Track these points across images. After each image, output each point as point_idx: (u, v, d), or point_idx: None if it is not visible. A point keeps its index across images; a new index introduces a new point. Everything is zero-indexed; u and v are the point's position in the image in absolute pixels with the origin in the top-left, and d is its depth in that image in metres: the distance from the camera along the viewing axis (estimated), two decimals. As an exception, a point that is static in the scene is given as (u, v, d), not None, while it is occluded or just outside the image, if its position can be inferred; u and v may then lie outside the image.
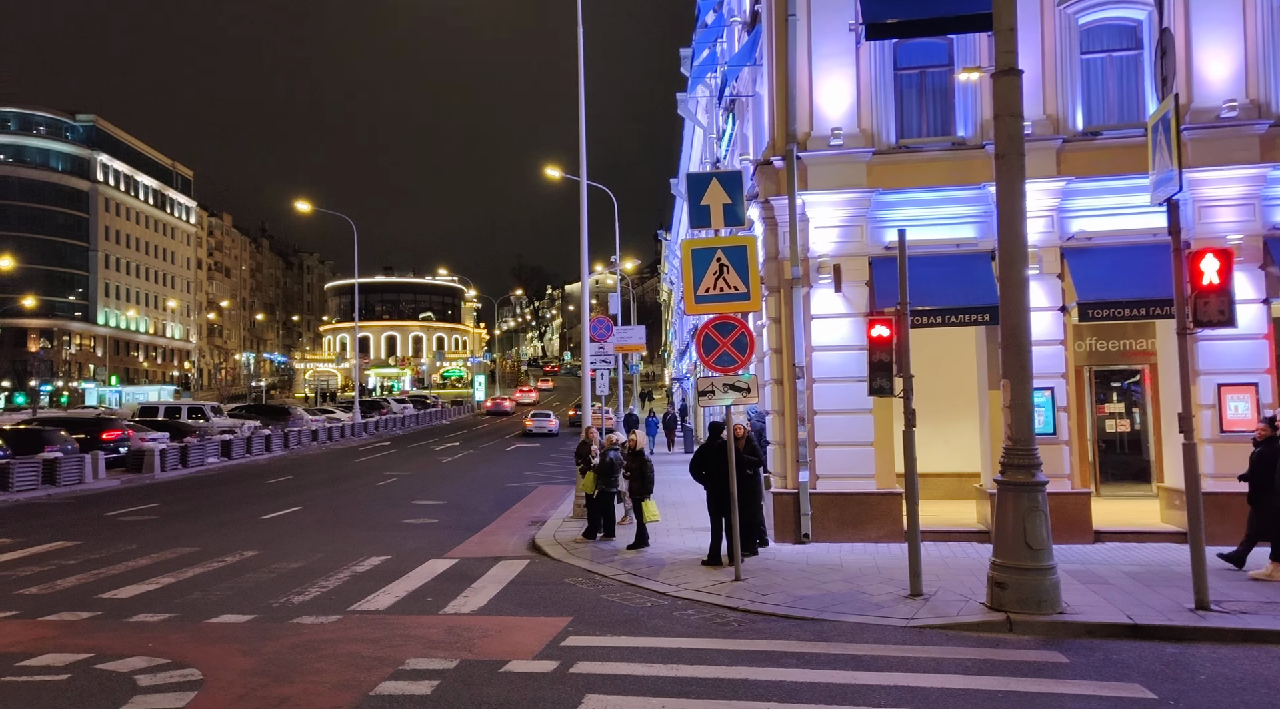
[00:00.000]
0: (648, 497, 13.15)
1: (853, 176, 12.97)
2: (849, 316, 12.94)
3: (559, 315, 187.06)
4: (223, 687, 6.69)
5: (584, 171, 17.95)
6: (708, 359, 10.85)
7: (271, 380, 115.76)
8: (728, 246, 10.77)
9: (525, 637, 8.11)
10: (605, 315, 32.35)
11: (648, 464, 13.39)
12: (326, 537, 14.34)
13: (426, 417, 61.74)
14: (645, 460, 13.43)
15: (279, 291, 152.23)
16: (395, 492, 21.37)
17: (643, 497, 13.15)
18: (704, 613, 9.03)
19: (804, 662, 7.20)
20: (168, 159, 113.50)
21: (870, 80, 13.17)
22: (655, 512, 13.03)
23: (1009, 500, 8.60)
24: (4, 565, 11.93)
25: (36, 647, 7.84)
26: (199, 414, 37.68)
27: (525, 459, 31.53)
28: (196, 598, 9.88)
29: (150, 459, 25.33)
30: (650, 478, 13.28)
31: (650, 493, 13.19)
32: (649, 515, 12.91)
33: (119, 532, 15.03)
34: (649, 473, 13.31)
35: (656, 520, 13.03)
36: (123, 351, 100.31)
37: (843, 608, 8.91)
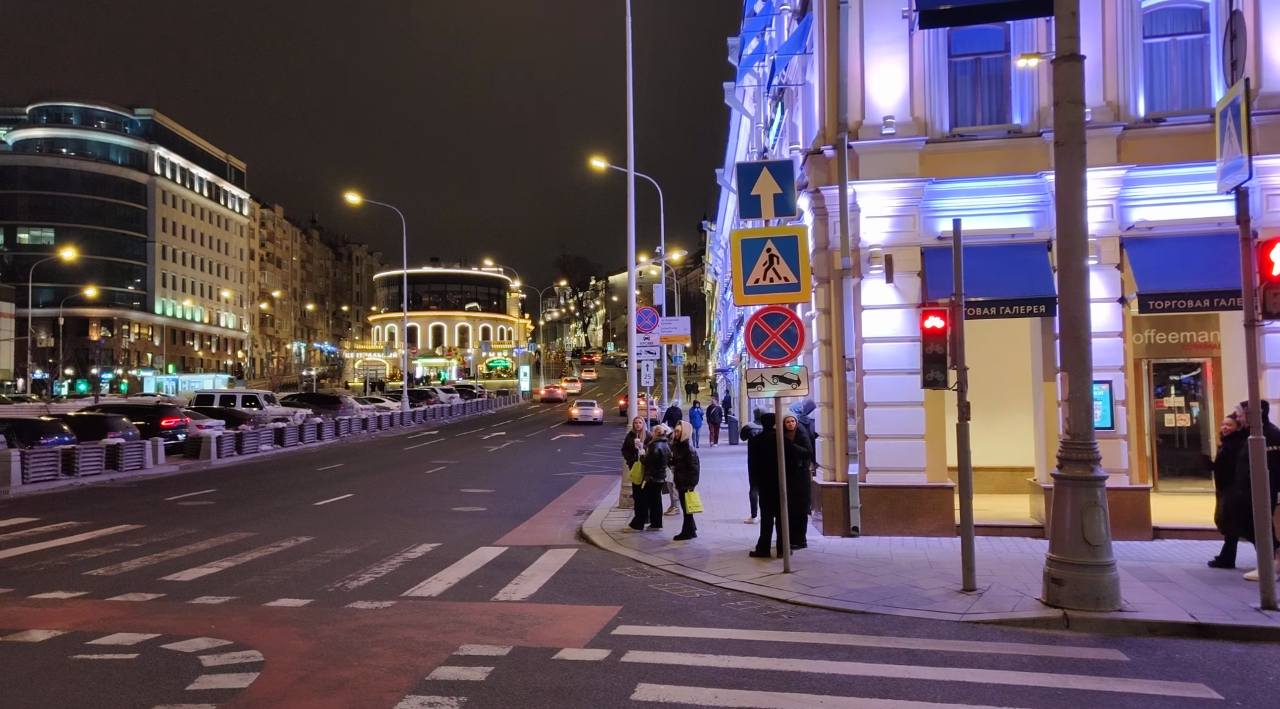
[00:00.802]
0: (692, 488, 13.13)
1: (905, 166, 12.80)
2: (901, 308, 12.79)
3: (602, 306, 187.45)
4: (283, 669, 6.85)
5: (631, 163, 17.94)
6: (757, 350, 10.80)
7: (321, 369, 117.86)
8: (778, 237, 10.69)
9: (576, 625, 8.18)
10: (650, 306, 32.35)
11: (692, 456, 13.38)
12: (378, 523, 14.58)
13: (473, 406, 62.39)
14: (690, 452, 13.42)
15: (328, 282, 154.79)
16: (444, 480, 21.64)
17: (687, 487, 13.14)
18: (753, 604, 9.02)
19: (856, 655, 7.16)
20: (221, 152, 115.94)
21: (923, 68, 12.97)
22: (699, 503, 12.99)
23: (1066, 495, 8.44)
24: (73, 547, 12.33)
25: (106, 626, 8.09)
26: (253, 402, 38.49)
27: (570, 449, 31.72)
28: (255, 581, 10.11)
29: (207, 446, 25.97)
30: (695, 469, 13.26)
31: (695, 484, 13.18)
32: (692, 506, 12.89)
33: (179, 516, 15.44)
34: (694, 464, 13.30)
35: (699, 511, 13.01)
36: (179, 341, 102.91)
37: (894, 602, 8.83)
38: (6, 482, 18.81)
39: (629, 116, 17.73)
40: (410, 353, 70.04)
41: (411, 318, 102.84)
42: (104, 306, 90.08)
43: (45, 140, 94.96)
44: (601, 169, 35.06)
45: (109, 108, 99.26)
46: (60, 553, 11.86)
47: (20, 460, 19.25)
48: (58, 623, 8.21)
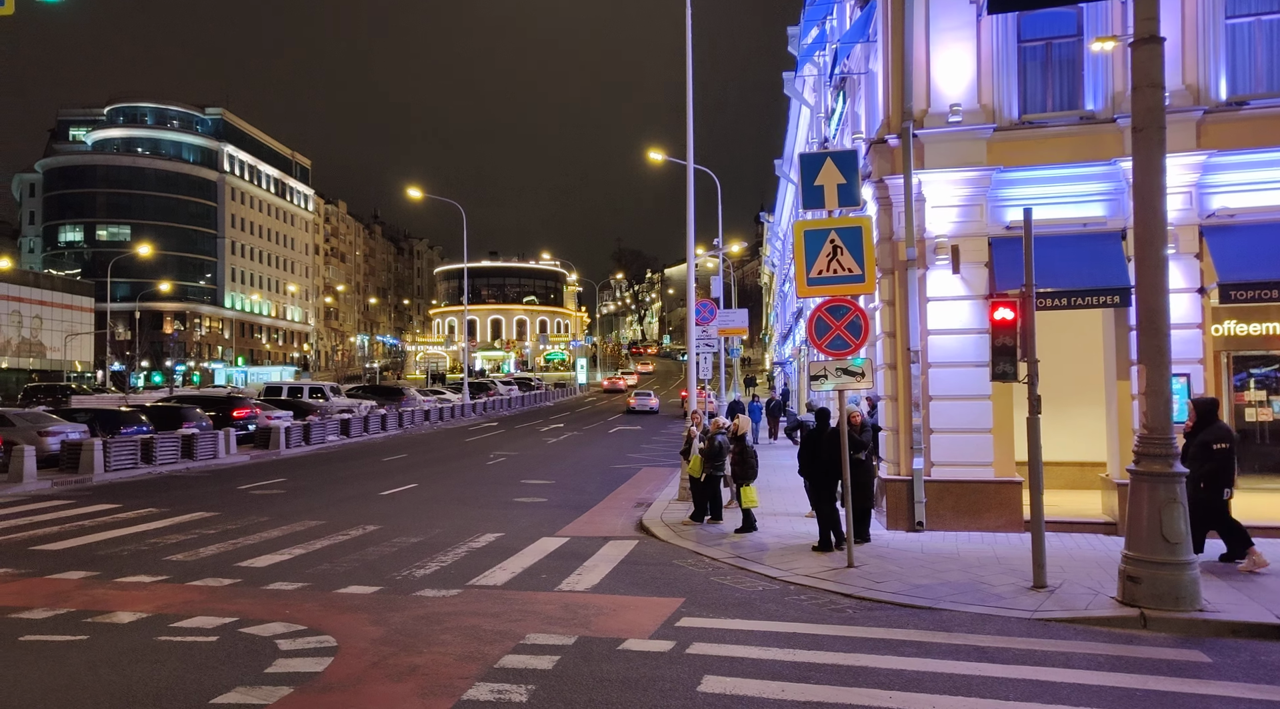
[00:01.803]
0: (749, 483, 13.03)
1: (972, 154, 12.54)
2: (967, 299, 12.55)
3: (658, 299, 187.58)
4: (356, 654, 7.02)
5: (690, 157, 17.90)
6: (820, 343, 10.70)
7: (384, 362, 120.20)
8: (842, 228, 10.57)
9: (640, 616, 8.22)
10: (708, 299, 32.27)
11: (749, 450, 13.31)
12: (442, 513, 14.83)
13: (531, 398, 62.99)
14: (747, 446, 13.35)
15: (390, 276, 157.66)
16: (504, 471, 21.90)
17: (744, 482, 13.05)
18: (817, 598, 8.96)
19: (924, 651, 7.07)
20: (287, 149, 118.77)
21: (992, 54, 12.67)
22: (754, 498, 12.87)
23: (1144, 491, 8.20)
24: (153, 533, 12.79)
25: (187, 609, 8.39)
26: (320, 394, 39.38)
27: (628, 441, 31.83)
28: (325, 569, 10.37)
29: (276, 436, 26.67)
30: (752, 464, 13.17)
31: (752, 479, 13.05)
32: (748, 501, 12.79)
33: (251, 504, 15.90)
34: (751, 459, 13.22)
35: (755, 506, 12.91)
36: (247, 334, 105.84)
37: (962, 598, 8.69)
38: (90, 469, 19.58)
39: (688, 110, 17.68)
40: (470, 346, 71.03)
41: (471, 311, 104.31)
42: (177, 301, 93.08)
43: (122, 140, 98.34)
44: (658, 162, 35.00)
45: (181, 107, 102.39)
46: (141, 538, 12.31)
47: (102, 449, 20.02)
48: (142, 605, 8.53)
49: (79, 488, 18.34)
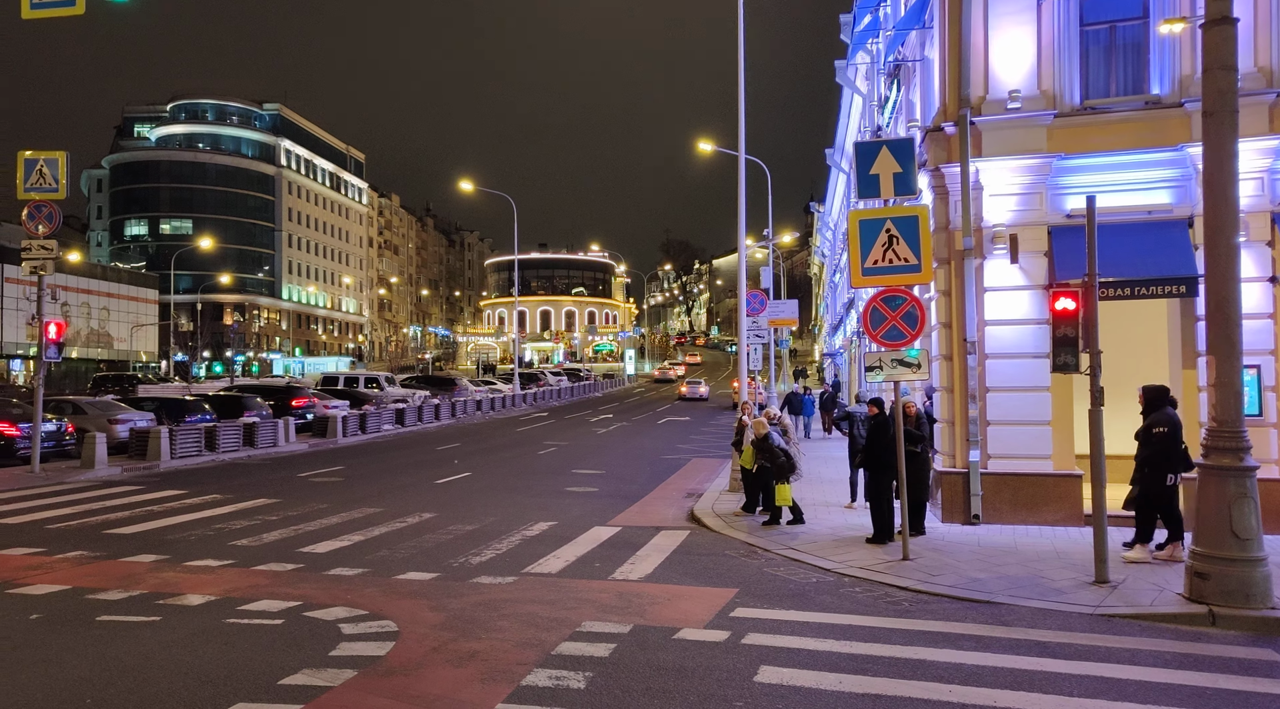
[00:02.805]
0: (785, 481, 12.61)
1: (1032, 141, 12.28)
2: (1026, 289, 12.31)
3: (706, 290, 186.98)
4: (416, 639, 7.17)
5: (742, 148, 17.81)
6: (875, 334, 10.60)
7: (436, 353, 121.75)
8: (897, 217, 10.45)
9: (694, 606, 8.25)
10: (758, 289, 32.07)
11: (774, 448, 12.97)
12: (495, 501, 15.02)
13: (580, 389, 63.32)
14: (771, 444, 12.96)
15: (442, 268, 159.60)
16: (555, 460, 22.09)
17: (779, 480, 12.64)
18: (872, 591, 8.91)
19: (983, 645, 6.99)
20: (342, 143, 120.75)
21: (1053, 38, 12.38)
22: (789, 496, 12.49)
23: (1212, 486, 8.00)
24: (218, 518, 13.18)
25: (253, 593, 8.64)
26: (375, 384, 40.07)
27: (677, 432, 31.86)
28: (384, 555, 10.59)
29: (334, 425, 27.23)
30: (782, 464, 12.77)
31: (788, 475, 12.55)
32: (780, 499, 12.46)
33: (311, 491, 16.28)
34: (778, 458, 12.90)
35: (787, 505, 12.61)
36: (304, 325, 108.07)
37: (1021, 592, 8.57)
38: (158, 456, 20.22)
39: (740, 101, 17.57)
40: (520, 337, 71.58)
41: (520, 303, 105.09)
42: (236, 293, 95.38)
43: (184, 136, 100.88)
44: (708, 152, 34.88)
45: (240, 103, 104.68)
46: (207, 524, 12.69)
47: (169, 437, 20.65)
48: (210, 588, 8.80)
49: (147, 474, 18.95)
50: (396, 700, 5.81)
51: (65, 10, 13.86)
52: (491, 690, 5.98)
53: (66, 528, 12.30)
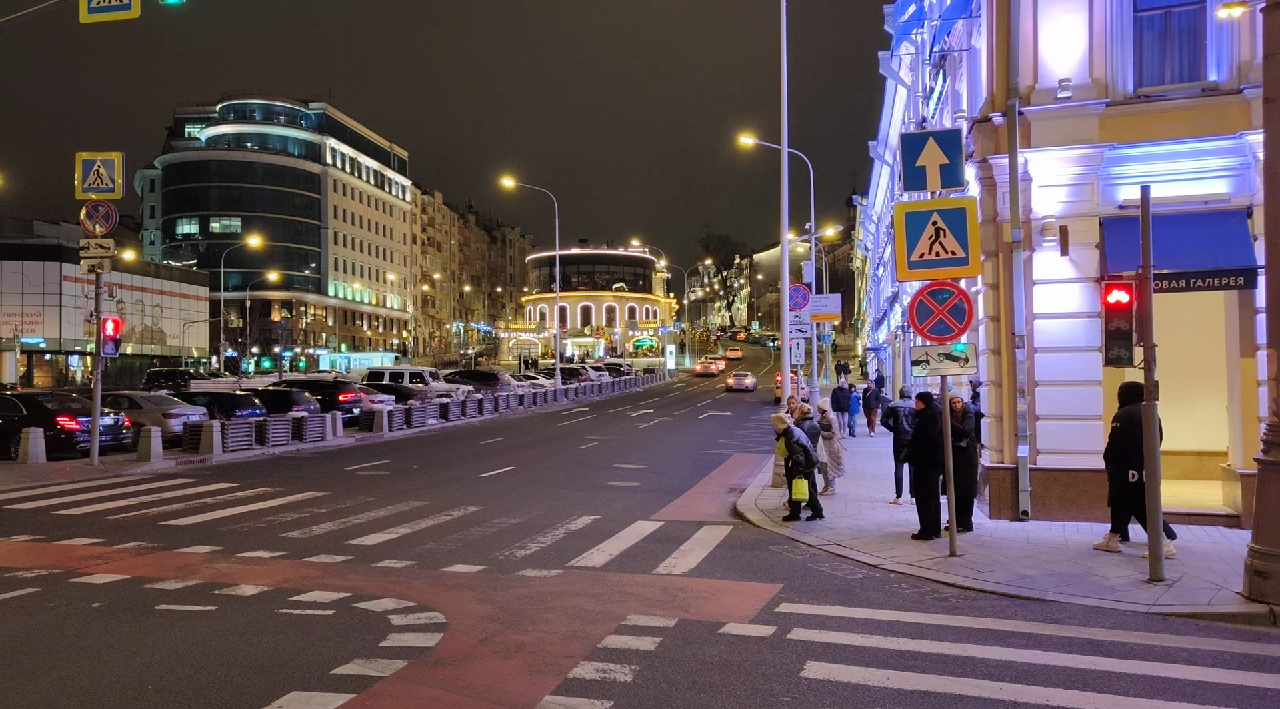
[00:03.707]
0: (799, 475, 12.53)
1: (1082, 131, 12.03)
2: (1077, 281, 12.08)
3: (746, 285, 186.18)
4: (464, 631, 7.26)
5: (785, 139, 17.69)
6: (921, 327, 10.48)
7: (479, 348, 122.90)
8: (944, 209, 10.32)
9: (739, 600, 8.25)
10: (800, 284, 31.86)
11: (796, 444, 12.89)
12: (539, 496, 15.13)
13: (621, 384, 63.48)
14: (794, 440, 12.88)
15: (484, 264, 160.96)
16: (597, 455, 22.18)
17: (794, 474, 12.51)
18: (918, 587, 8.83)
19: (1034, 643, 6.89)
20: (386, 141, 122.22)
21: (1105, 25, 12.11)
22: (804, 491, 12.39)
23: (1272, 482, 7.79)
24: (270, 511, 13.45)
25: (304, 584, 8.81)
26: (419, 379, 40.54)
27: (719, 427, 31.79)
28: (431, 548, 10.73)
29: (379, 420, 27.62)
30: (800, 459, 12.72)
31: (805, 471, 12.48)
32: (796, 493, 12.38)
33: (359, 485, 16.54)
34: (798, 454, 12.84)
35: (803, 499, 12.50)
36: (349, 321, 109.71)
37: (1072, 589, 8.43)
38: (210, 449, 20.68)
39: (783, 94, 17.46)
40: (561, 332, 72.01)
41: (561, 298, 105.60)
42: (284, 289, 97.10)
43: (233, 136, 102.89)
44: (749, 146, 34.71)
45: (287, 103, 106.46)
46: (259, 516, 12.96)
47: (220, 431, 21.11)
48: (263, 579, 9.00)
49: (200, 467, 19.40)
50: (446, 691, 5.90)
51: (121, 14, 14.23)
52: (539, 682, 6.04)
53: (125, 519, 12.65)
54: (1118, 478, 10.00)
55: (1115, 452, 10.04)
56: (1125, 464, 9.82)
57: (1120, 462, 9.92)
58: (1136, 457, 9.69)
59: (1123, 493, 9.99)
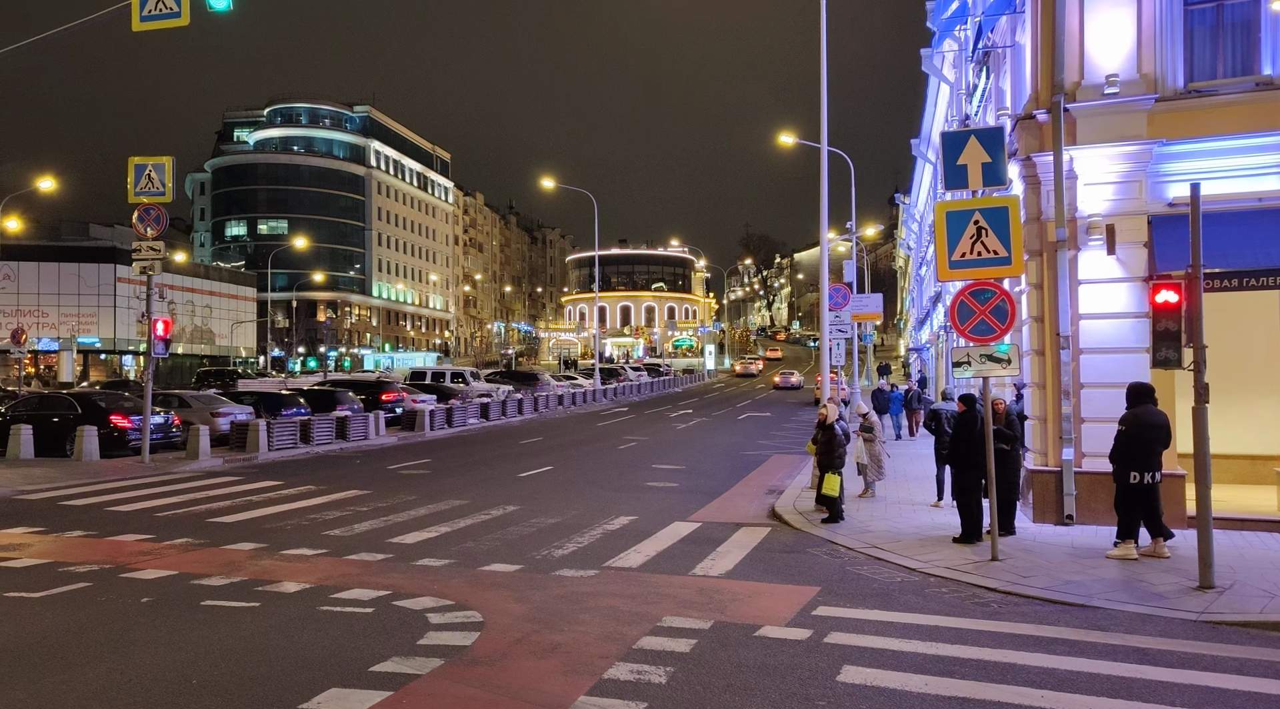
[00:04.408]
0: (835, 470, 12.59)
1: (1130, 127, 11.77)
2: (1124, 281, 11.82)
3: (787, 284, 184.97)
4: (501, 630, 7.31)
5: (824, 138, 17.54)
6: (963, 328, 10.33)
7: (519, 348, 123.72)
8: (986, 208, 10.17)
9: (775, 603, 8.20)
10: (841, 283, 31.57)
11: (837, 438, 12.92)
12: (577, 495, 15.19)
13: (660, 384, 63.48)
14: (835, 434, 12.95)
15: (525, 265, 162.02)
16: (635, 455, 22.20)
17: (829, 469, 12.62)
18: (959, 591, 8.70)
19: (1078, 650, 6.76)
20: (428, 143, 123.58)
21: (1154, 19, 11.84)
22: (835, 487, 12.41)
23: (1328, 489, 7.54)
24: (313, 509, 13.67)
25: (345, 582, 8.94)
26: (460, 379, 40.91)
27: (758, 428, 31.65)
28: (469, 546, 10.82)
29: (421, 419, 27.92)
30: (839, 453, 12.73)
31: (838, 468, 12.54)
32: (828, 488, 12.39)
33: (400, 483, 16.74)
34: (838, 447, 12.85)
35: (834, 495, 12.47)
36: (393, 321, 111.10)
37: (1118, 596, 8.25)
38: (256, 448, 21.08)
39: (823, 92, 17.32)
40: (600, 332, 72.28)
41: (601, 298, 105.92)
42: (329, 290, 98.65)
43: (280, 139, 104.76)
44: (789, 145, 34.49)
45: (332, 106, 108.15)
46: (302, 514, 13.18)
47: (266, 430, 21.51)
48: (305, 577, 9.14)
49: (246, 465, 19.78)
50: (482, 690, 5.94)
51: (171, 22, 14.55)
52: (574, 683, 6.06)
53: (173, 516, 12.94)
54: (1122, 480, 9.87)
55: (1120, 453, 9.90)
56: (1129, 466, 9.73)
57: (1125, 463, 9.81)
58: (1140, 459, 9.72)
59: (1127, 495, 9.87)
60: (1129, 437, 9.84)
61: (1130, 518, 9.97)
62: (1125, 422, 9.99)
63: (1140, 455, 9.75)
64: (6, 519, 12.61)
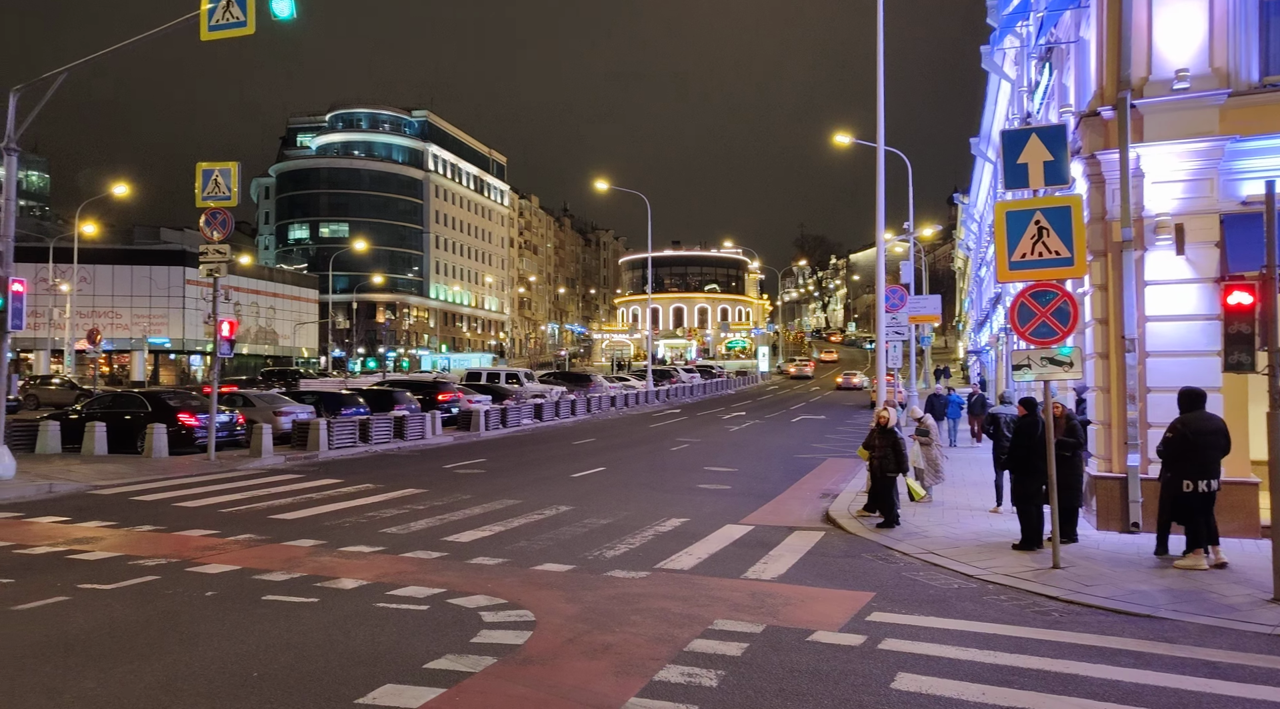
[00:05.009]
0: (893, 474, 12.47)
1: (1201, 123, 11.39)
2: (1194, 282, 11.45)
3: (843, 285, 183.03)
4: (552, 629, 7.35)
5: (881, 137, 17.32)
6: (1023, 331, 10.10)
7: (573, 349, 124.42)
8: (1047, 208, 9.94)
9: (829, 608, 8.11)
10: (897, 285, 31.13)
11: (898, 441, 12.75)
12: (629, 496, 15.21)
13: (713, 386, 63.25)
14: (896, 437, 12.77)
15: (578, 267, 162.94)
16: (688, 457, 22.16)
17: (885, 472, 12.50)
18: (1018, 599, 8.51)
19: (1143, 662, 6.55)
20: (485, 147, 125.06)
21: (1227, 11, 11.45)
22: (920, 490, 12.32)
23: None
24: (371, 507, 13.92)
25: (400, 579, 9.08)
26: (515, 379, 41.32)
27: (812, 431, 31.35)
28: (522, 546, 10.91)
29: (476, 419, 28.26)
30: (897, 458, 12.61)
31: (895, 472, 12.52)
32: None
33: (455, 482, 16.96)
34: (901, 448, 12.70)
35: (889, 500, 12.32)
36: (450, 322, 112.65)
37: (1186, 607, 7.98)
38: (316, 446, 21.55)
39: (879, 91, 17.10)
40: (653, 334, 72.32)
41: (654, 300, 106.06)
42: (388, 292, 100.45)
43: (340, 144, 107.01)
44: (845, 145, 34.14)
45: (391, 111, 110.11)
46: (360, 512, 13.43)
47: (326, 429, 21.97)
48: (362, 573, 9.31)
49: (307, 463, 20.23)
50: (534, 689, 5.98)
51: (238, 31, 14.97)
52: (624, 684, 6.07)
53: (237, 512, 13.29)
54: (1174, 488, 9.56)
55: (1171, 460, 9.64)
56: (1182, 474, 9.45)
57: (1177, 471, 9.53)
58: (1195, 466, 9.41)
59: (1175, 503, 9.58)
60: (1178, 443, 9.57)
61: (1194, 526, 9.66)
62: (1173, 428, 9.74)
63: (1194, 463, 9.44)
64: (82, 513, 13.09)
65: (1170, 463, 9.66)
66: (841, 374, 69.72)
